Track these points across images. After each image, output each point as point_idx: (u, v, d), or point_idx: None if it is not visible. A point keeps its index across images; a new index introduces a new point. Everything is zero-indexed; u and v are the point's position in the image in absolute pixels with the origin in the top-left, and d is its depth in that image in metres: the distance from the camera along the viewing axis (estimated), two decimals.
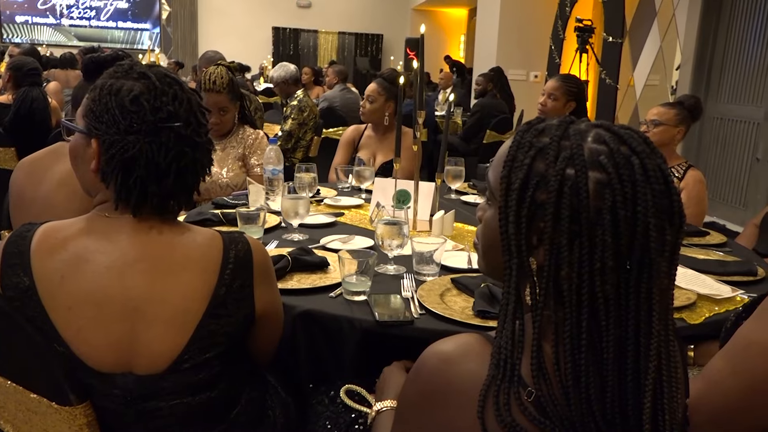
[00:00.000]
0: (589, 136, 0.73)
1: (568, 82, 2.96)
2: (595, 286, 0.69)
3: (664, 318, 0.71)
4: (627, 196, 0.69)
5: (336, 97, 5.52)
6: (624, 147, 0.72)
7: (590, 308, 0.70)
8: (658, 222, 0.69)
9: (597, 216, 0.69)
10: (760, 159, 4.79)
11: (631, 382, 0.70)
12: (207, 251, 1.07)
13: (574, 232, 0.70)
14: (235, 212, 1.83)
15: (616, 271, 0.69)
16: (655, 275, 0.70)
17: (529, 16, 7.39)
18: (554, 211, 0.70)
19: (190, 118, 1.06)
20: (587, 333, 0.70)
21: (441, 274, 1.56)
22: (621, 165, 0.70)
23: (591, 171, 0.70)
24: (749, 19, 4.98)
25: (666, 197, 0.70)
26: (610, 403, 0.70)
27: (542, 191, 0.71)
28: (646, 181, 0.70)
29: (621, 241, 0.69)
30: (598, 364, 0.70)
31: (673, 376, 0.72)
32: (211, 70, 2.58)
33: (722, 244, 2.00)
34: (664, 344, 0.71)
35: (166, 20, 12.76)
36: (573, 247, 0.70)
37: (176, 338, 1.03)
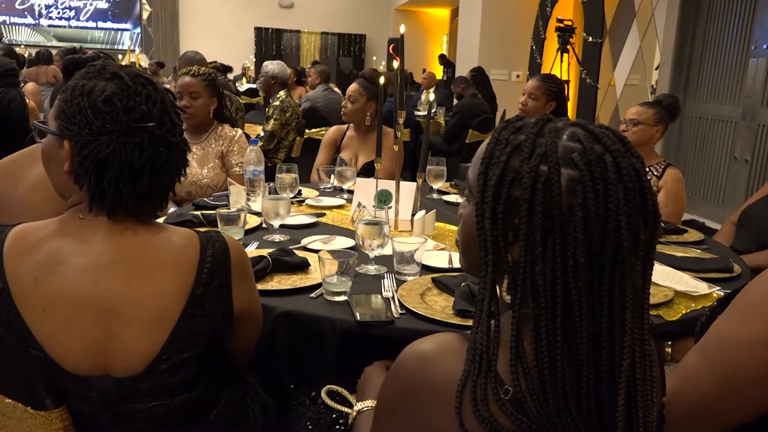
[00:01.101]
0: (564, 134, 0.73)
1: (549, 82, 2.97)
2: (568, 282, 0.70)
3: (638, 316, 0.72)
4: (599, 193, 0.69)
5: (319, 98, 5.50)
6: (598, 145, 0.72)
7: (564, 305, 0.70)
8: (631, 220, 0.70)
9: (569, 213, 0.69)
10: (738, 157, 4.86)
11: (605, 379, 0.71)
12: (183, 251, 1.07)
13: (547, 228, 0.70)
14: (215, 213, 1.82)
15: (589, 268, 0.70)
16: (627, 274, 0.70)
17: (511, 17, 7.44)
18: (528, 208, 0.71)
19: (164, 118, 1.05)
20: (562, 329, 0.70)
21: (422, 274, 1.56)
22: (593, 162, 0.70)
23: (564, 168, 0.71)
24: (726, 20, 5.05)
25: (640, 196, 0.71)
26: (585, 400, 0.71)
27: (517, 188, 0.72)
28: (618, 179, 0.70)
29: (593, 239, 0.69)
30: (573, 360, 0.71)
31: (647, 374, 0.72)
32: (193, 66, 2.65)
33: (700, 241, 2.02)
34: (638, 342, 0.72)
35: (146, 20, 12.65)
36: (546, 244, 0.70)
37: (153, 339, 1.03)
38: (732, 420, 0.96)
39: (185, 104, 2.57)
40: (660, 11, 5.66)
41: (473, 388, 0.71)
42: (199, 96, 2.60)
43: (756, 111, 4.70)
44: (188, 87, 2.59)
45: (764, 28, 4.62)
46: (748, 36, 4.80)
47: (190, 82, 2.60)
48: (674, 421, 0.98)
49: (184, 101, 2.57)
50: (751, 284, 0.96)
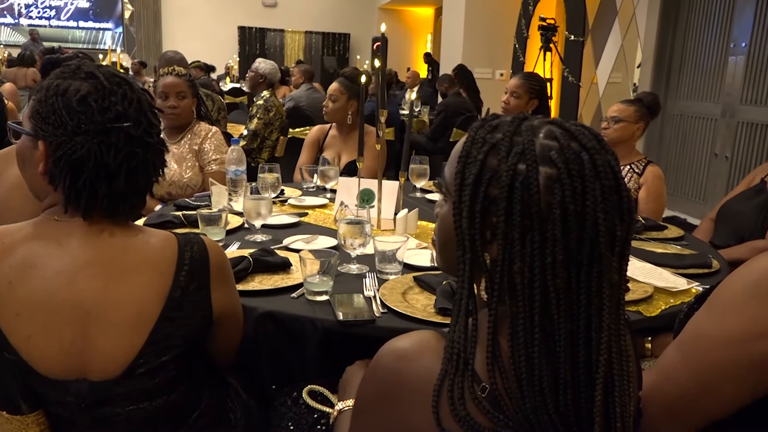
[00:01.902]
0: (540, 133, 0.74)
1: (531, 80, 2.99)
2: (546, 279, 0.70)
3: (614, 312, 0.72)
4: (576, 191, 0.70)
5: (302, 97, 5.49)
6: (575, 143, 0.72)
7: (542, 302, 0.70)
8: (608, 217, 0.70)
9: (547, 211, 0.70)
10: (718, 154, 4.92)
11: (582, 375, 0.71)
12: (161, 253, 1.06)
13: (526, 226, 0.70)
14: (197, 214, 1.81)
15: (567, 265, 0.70)
16: (605, 270, 0.71)
17: (494, 15, 7.46)
18: (506, 206, 0.71)
19: (141, 118, 1.04)
20: (540, 326, 0.71)
21: (404, 273, 1.56)
22: (571, 160, 0.71)
23: (541, 166, 0.71)
24: (706, 19, 5.10)
25: (615, 193, 0.71)
26: (563, 396, 0.71)
27: (495, 186, 0.72)
28: (595, 176, 0.70)
29: (571, 236, 0.69)
30: (551, 357, 0.71)
31: (624, 369, 0.73)
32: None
33: (679, 237, 2.04)
34: (615, 338, 0.72)
35: (128, 20, 12.55)
36: (525, 242, 0.70)
37: (131, 342, 1.01)
38: (710, 415, 0.97)
39: (173, 104, 2.57)
40: (641, 10, 5.71)
41: (450, 387, 0.71)
42: (186, 96, 2.61)
43: (735, 108, 4.76)
44: (175, 87, 2.58)
45: (743, 26, 4.67)
46: (727, 34, 4.85)
47: (176, 82, 2.59)
48: (652, 416, 0.98)
49: (171, 101, 2.57)
50: (726, 281, 0.97)
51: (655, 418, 0.99)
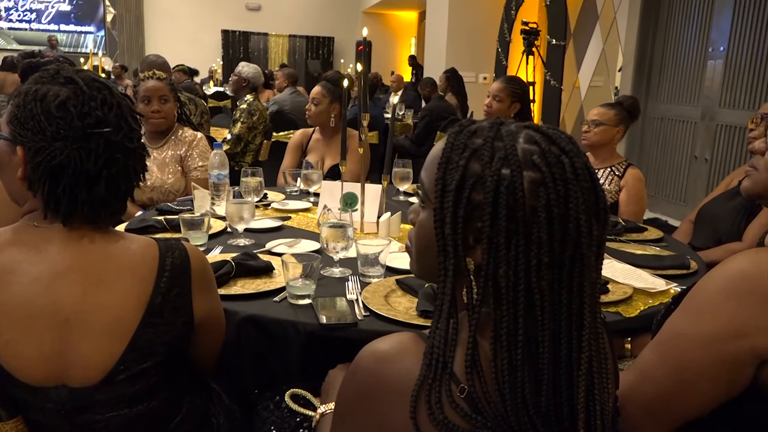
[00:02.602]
0: (520, 137, 0.75)
1: (512, 84, 3.01)
2: (531, 282, 0.71)
3: (593, 310, 0.74)
4: (560, 194, 0.71)
5: (286, 101, 5.48)
6: (554, 147, 0.74)
7: (527, 304, 0.71)
8: (587, 218, 0.72)
9: (533, 214, 0.71)
10: (698, 157, 4.98)
11: (564, 374, 0.72)
12: (142, 259, 1.05)
13: (511, 230, 0.71)
14: (179, 218, 1.80)
15: (551, 267, 0.71)
16: (586, 270, 0.72)
17: (477, 19, 7.51)
18: (492, 211, 0.71)
19: (121, 123, 1.04)
20: (524, 328, 0.72)
21: (386, 276, 1.57)
22: (553, 164, 0.72)
23: (525, 170, 0.72)
24: (685, 23, 5.17)
25: (592, 194, 0.73)
26: (545, 397, 0.72)
27: (479, 192, 0.72)
28: (576, 179, 0.72)
29: (555, 238, 0.71)
30: (533, 358, 0.72)
31: (603, 367, 0.74)
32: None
33: (659, 239, 2.07)
34: (594, 336, 0.73)
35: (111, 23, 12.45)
36: (510, 246, 0.71)
37: (111, 349, 1.01)
38: (687, 414, 0.99)
39: (156, 108, 2.55)
40: (621, 14, 5.78)
41: (428, 392, 0.72)
42: (168, 99, 2.60)
43: (714, 111, 4.83)
44: (158, 91, 2.57)
45: (721, 30, 4.74)
46: (705, 38, 4.92)
47: (159, 86, 2.58)
48: (631, 416, 1.00)
49: (155, 105, 2.55)
50: (700, 282, 0.99)
51: (634, 418, 1.00)
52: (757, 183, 1.06)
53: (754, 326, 0.89)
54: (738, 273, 0.93)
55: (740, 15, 4.56)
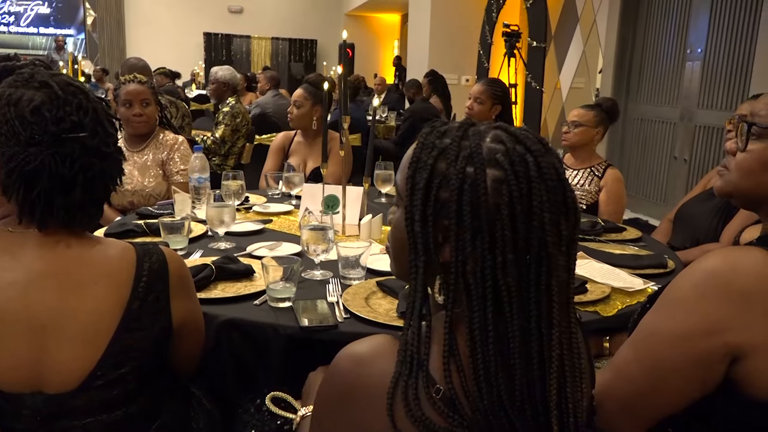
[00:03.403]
0: (487, 137, 0.76)
1: (494, 86, 3.03)
2: (497, 279, 0.72)
3: (564, 309, 0.74)
4: (523, 191, 0.72)
5: (268, 104, 5.47)
6: (520, 146, 0.75)
7: (495, 301, 0.72)
8: (553, 217, 0.72)
9: (496, 211, 0.72)
10: (678, 157, 5.05)
11: (537, 371, 0.73)
12: (119, 264, 1.05)
13: (476, 228, 0.72)
14: (158, 222, 1.79)
15: (516, 264, 0.72)
16: (553, 268, 0.73)
17: (458, 22, 7.54)
18: (456, 209, 0.73)
19: (97, 128, 1.03)
20: (494, 325, 0.72)
21: (367, 278, 1.57)
22: (516, 162, 0.73)
23: (489, 169, 0.73)
24: (663, 25, 5.24)
25: (560, 193, 0.74)
26: (519, 392, 0.73)
27: (445, 190, 0.74)
28: (540, 177, 0.73)
29: (519, 235, 0.72)
30: (506, 355, 0.73)
31: (576, 365, 0.75)
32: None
33: (637, 239, 2.09)
34: (565, 334, 0.74)
35: (91, 26, 12.34)
36: (476, 243, 0.72)
37: (88, 355, 1.00)
38: (662, 411, 1.00)
39: (138, 112, 2.54)
40: (601, 17, 5.84)
41: (404, 389, 0.73)
42: (150, 103, 2.58)
43: (693, 112, 4.89)
44: (139, 95, 2.55)
45: (699, 32, 4.81)
46: (683, 40, 4.99)
47: (140, 89, 2.56)
48: (608, 413, 1.01)
49: (136, 109, 2.54)
50: (675, 280, 1.00)
51: (611, 415, 1.01)
52: (728, 183, 1.07)
53: (726, 324, 0.90)
54: (710, 272, 0.94)
55: (717, 17, 4.62)
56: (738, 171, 1.05)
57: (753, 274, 0.91)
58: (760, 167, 1.01)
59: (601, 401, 1.00)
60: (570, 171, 2.73)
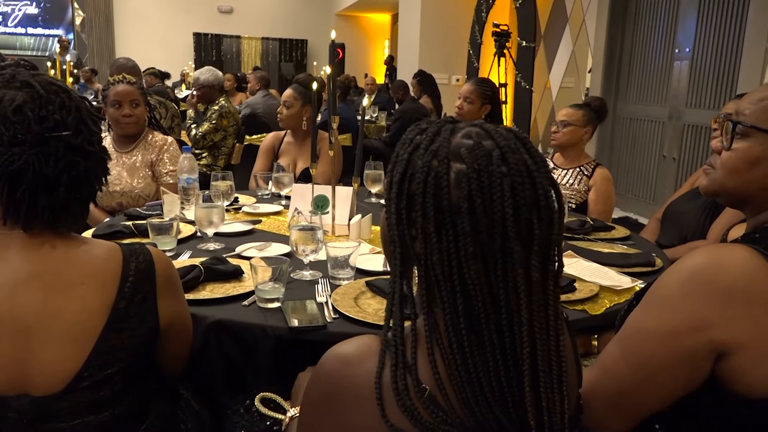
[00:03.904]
0: (459, 133, 0.77)
1: (483, 86, 3.04)
2: (463, 272, 0.73)
3: (540, 309, 0.74)
4: (483, 185, 0.72)
5: (259, 104, 5.46)
6: (489, 141, 0.75)
7: (463, 293, 0.73)
8: (520, 213, 0.72)
9: (457, 204, 0.72)
10: (666, 156, 5.08)
11: (512, 366, 0.74)
12: (105, 264, 1.04)
13: (440, 220, 0.73)
14: (147, 223, 1.78)
15: (482, 258, 0.72)
16: (517, 265, 0.72)
17: (448, 22, 7.56)
18: (422, 201, 0.74)
19: (80, 127, 1.03)
20: (465, 318, 0.73)
21: (357, 278, 1.57)
22: (480, 156, 0.73)
23: (453, 162, 0.74)
24: (652, 25, 5.27)
25: (530, 190, 0.73)
26: (497, 386, 0.73)
27: (414, 183, 0.75)
28: (507, 173, 0.72)
29: (480, 229, 0.72)
30: (481, 348, 0.73)
31: (552, 365, 0.75)
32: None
33: (626, 237, 2.10)
34: (540, 334, 0.74)
35: (80, 26, 12.26)
36: (441, 235, 0.73)
37: (74, 356, 1.00)
38: (649, 408, 1.01)
39: (128, 112, 2.53)
40: (590, 17, 5.86)
41: (394, 378, 0.73)
42: (139, 103, 2.57)
43: (681, 111, 4.92)
44: (128, 95, 2.54)
45: (686, 32, 4.84)
46: (672, 40, 5.02)
47: (129, 89, 2.55)
48: (595, 410, 1.01)
49: (126, 109, 2.53)
50: (661, 277, 1.01)
51: (598, 412, 1.02)
52: (714, 181, 1.08)
53: (711, 321, 0.91)
54: (695, 269, 0.95)
55: (704, 17, 4.66)
56: (723, 169, 1.05)
57: (737, 272, 0.91)
58: (745, 165, 1.02)
59: (588, 399, 1.01)
60: (559, 170, 2.74)
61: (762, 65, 3.91)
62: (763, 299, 0.90)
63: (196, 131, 3.99)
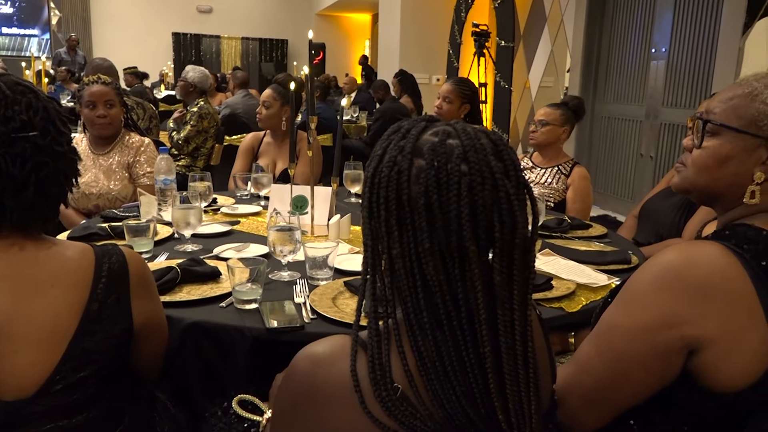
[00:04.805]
0: (430, 131, 0.77)
1: (462, 86, 3.05)
2: (422, 268, 0.74)
3: (502, 310, 0.74)
4: (441, 182, 0.72)
5: (238, 104, 5.42)
6: (455, 140, 0.75)
7: (425, 291, 0.74)
8: (475, 213, 0.72)
9: (416, 199, 0.73)
10: (644, 154, 5.13)
11: (476, 365, 0.74)
12: (76, 266, 1.03)
13: (401, 215, 0.74)
14: (123, 225, 1.76)
15: (437, 254, 0.73)
16: (473, 264, 0.72)
17: (428, 22, 7.58)
18: (385, 195, 0.75)
19: (48, 127, 1.01)
20: (429, 314, 0.74)
21: (335, 278, 1.56)
22: (440, 153, 0.74)
23: (415, 158, 0.75)
24: (628, 25, 5.33)
25: (490, 192, 0.72)
26: (465, 384, 0.74)
27: (379, 177, 0.76)
28: (464, 171, 0.72)
29: (435, 225, 0.72)
30: (446, 347, 0.74)
31: (517, 365, 0.75)
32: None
33: (603, 235, 2.12)
34: (504, 335, 0.74)
35: (56, 26, 12.09)
36: (401, 230, 0.74)
37: (46, 359, 0.98)
38: (624, 403, 1.02)
39: (102, 113, 2.49)
40: (568, 17, 5.91)
41: (372, 376, 0.74)
42: (114, 104, 2.53)
43: (658, 110, 4.98)
44: (103, 96, 2.50)
45: (662, 32, 4.90)
46: (648, 40, 5.08)
47: (104, 90, 2.51)
48: (571, 407, 1.02)
49: (100, 110, 2.49)
50: (635, 274, 1.02)
51: (574, 408, 1.03)
52: (685, 179, 1.10)
53: (682, 317, 0.92)
54: (667, 266, 0.96)
55: (680, 17, 4.72)
56: (694, 167, 1.07)
57: (708, 268, 0.93)
58: (714, 163, 1.03)
59: (564, 395, 1.02)
60: (538, 169, 2.76)
61: (735, 64, 3.97)
62: (733, 295, 0.92)
63: (177, 136, 3.96)
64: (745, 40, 3.91)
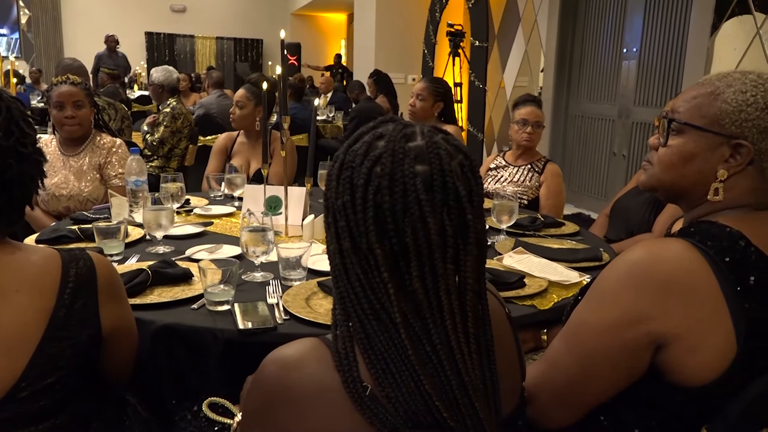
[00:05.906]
0: (389, 132, 0.76)
1: (435, 84, 3.07)
2: (347, 268, 0.75)
3: (458, 311, 0.74)
4: (354, 183, 0.73)
5: (212, 104, 5.38)
6: (382, 142, 0.75)
7: (370, 287, 0.74)
8: (379, 216, 0.72)
9: (335, 199, 0.76)
10: (617, 153, 5.20)
11: (436, 362, 0.74)
12: (42, 271, 1.01)
13: (330, 213, 0.77)
14: (93, 227, 1.74)
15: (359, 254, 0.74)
16: (383, 269, 0.72)
17: (403, 22, 7.59)
18: (324, 195, 0.78)
19: (12, 128, 0.99)
20: (372, 313, 0.74)
21: (309, 278, 1.56)
22: (358, 155, 0.74)
23: (368, 155, 0.74)
24: (600, 25, 5.39)
25: (400, 197, 0.72)
26: (425, 386, 0.74)
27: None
28: (377, 173, 0.72)
29: (350, 226, 0.73)
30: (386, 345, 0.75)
31: (475, 364, 0.76)
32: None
33: (575, 233, 2.15)
34: (461, 331, 0.75)
35: (25, 25, 11.86)
36: (329, 226, 0.77)
37: (11, 366, 0.96)
38: (594, 399, 1.03)
39: (70, 114, 2.45)
40: (542, 17, 5.96)
41: (339, 369, 0.75)
42: (83, 105, 2.49)
43: (630, 109, 5.05)
44: (71, 96, 2.46)
45: (633, 32, 4.97)
46: (620, 40, 5.15)
47: (72, 90, 2.47)
48: (542, 403, 1.03)
49: (68, 111, 2.45)
50: (603, 272, 1.03)
51: (545, 405, 1.04)
52: (651, 176, 1.12)
53: (648, 313, 0.94)
54: (634, 263, 0.98)
55: (650, 17, 4.79)
56: (660, 165, 1.09)
57: (673, 265, 0.94)
58: (680, 161, 1.05)
59: (534, 392, 1.03)
60: (511, 167, 2.78)
61: (705, 64, 4.04)
62: (698, 291, 0.93)
63: (152, 138, 3.91)
64: (713, 40, 3.98)
